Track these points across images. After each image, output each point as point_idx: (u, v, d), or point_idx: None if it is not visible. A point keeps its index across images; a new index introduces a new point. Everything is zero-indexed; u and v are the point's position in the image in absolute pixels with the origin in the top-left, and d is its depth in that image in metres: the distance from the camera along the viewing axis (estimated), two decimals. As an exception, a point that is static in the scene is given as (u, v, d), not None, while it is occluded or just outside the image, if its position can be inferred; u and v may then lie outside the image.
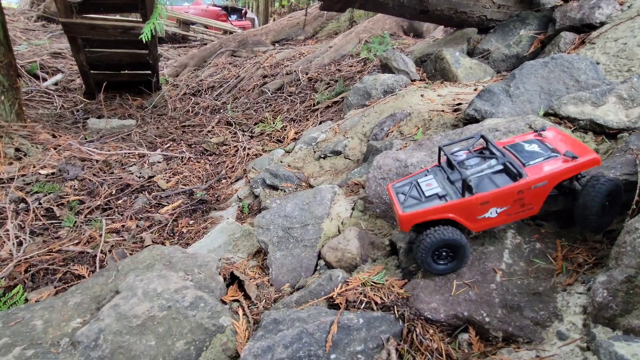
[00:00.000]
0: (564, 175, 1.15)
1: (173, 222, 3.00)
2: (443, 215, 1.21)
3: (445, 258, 1.24)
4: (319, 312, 1.16)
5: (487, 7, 3.72)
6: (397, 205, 1.27)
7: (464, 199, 1.19)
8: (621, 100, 1.50)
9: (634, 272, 0.90)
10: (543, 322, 1.08)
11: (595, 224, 1.16)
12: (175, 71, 6.46)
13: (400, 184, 1.37)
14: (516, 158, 1.23)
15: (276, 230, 1.77)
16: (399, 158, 1.75)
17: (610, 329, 0.95)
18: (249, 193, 3.20)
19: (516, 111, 2.13)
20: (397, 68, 3.68)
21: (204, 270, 1.46)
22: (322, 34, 7.07)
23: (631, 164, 1.23)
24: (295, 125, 4.27)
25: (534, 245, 1.27)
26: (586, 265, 1.15)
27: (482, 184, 1.21)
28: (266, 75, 5.63)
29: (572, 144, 1.22)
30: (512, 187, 1.16)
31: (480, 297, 1.17)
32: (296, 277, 1.56)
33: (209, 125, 4.76)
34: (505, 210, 1.19)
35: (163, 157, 3.99)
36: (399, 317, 1.18)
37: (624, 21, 2.73)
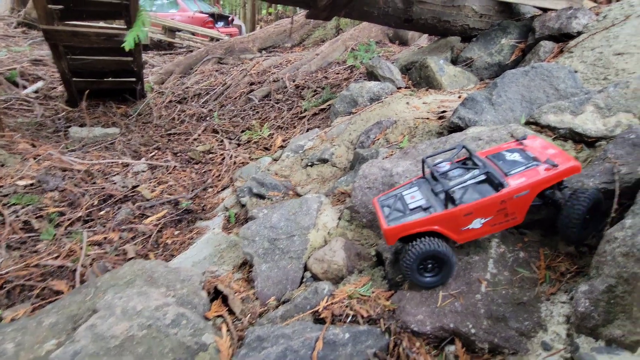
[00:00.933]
0: (545, 183, 1.17)
1: (157, 233, 2.93)
2: (427, 227, 1.21)
3: (431, 270, 1.23)
4: (304, 328, 1.13)
5: (470, 17, 3.80)
6: (382, 219, 1.26)
7: (448, 210, 1.19)
8: (598, 109, 1.53)
9: (615, 282, 0.91)
10: (528, 333, 1.08)
11: (576, 236, 1.17)
12: (161, 78, 6.38)
13: (385, 197, 1.37)
14: (498, 168, 1.24)
15: (262, 241, 1.74)
16: (384, 167, 1.75)
17: (593, 339, 0.95)
18: (235, 202, 3.16)
19: (499, 119, 2.17)
20: (383, 76, 3.71)
21: (186, 285, 1.42)
22: (309, 42, 7.10)
23: (609, 173, 1.26)
24: (282, 133, 4.26)
25: (517, 254, 1.28)
26: (569, 274, 1.17)
27: (465, 195, 1.21)
28: (253, 83, 5.61)
29: (552, 152, 1.23)
30: (494, 198, 1.16)
31: (465, 308, 1.17)
32: (282, 290, 1.53)
33: (195, 133, 4.70)
34: (489, 220, 1.20)
35: (147, 166, 3.91)
36: (385, 331, 1.17)
37: (599, 31, 2.82)
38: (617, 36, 2.65)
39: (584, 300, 0.98)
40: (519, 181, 1.17)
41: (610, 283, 0.92)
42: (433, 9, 3.72)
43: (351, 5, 3.49)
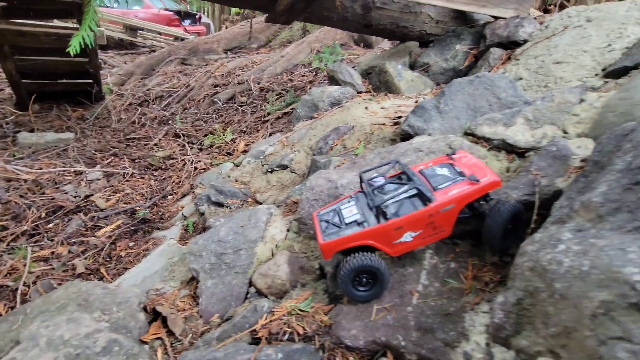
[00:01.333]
0: (468, 197, 1.22)
1: (111, 245, 2.82)
2: (361, 241, 1.23)
3: (365, 284, 1.26)
4: (237, 350, 1.13)
5: (426, 22, 3.90)
6: (319, 234, 1.28)
7: (380, 225, 1.22)
8: (527, 121, 1.62)
9: (522, 295, 0.97)
10: (452, 343, 1.13)
11: (499, 245, 1.23)
12: (121, 80, 6.13)
13: (324, 211, 1.38)
14: (428, 182, 1.28)
15: (209, 256, 1.72)
16: (331, 179, 1.77)
17: (505, 349, 1.01)
18: (194, 210, 3.09)
19: (445, 127, 2.24)
20: (344, 80, 3.74)
21: (123, 308, 1.38)
22: (276, 42, 7.04)
23: (531, 185, 1.33)
24: (245, 137, 4.21)
25: (449, 265, 1.33)
26: (492, 283, 1.23)
27: (397, 209, 1.25)
28: (217, 85, 5.50)
29: (477, 167, 1.29)
30: (422, 212, 1.21)
31: (397, 321, 1.20)
32: (226, 306, 1.52)
33: (156, 138, 4.55)
34: (419, 234, 1.24)
35: (103, 173, 3.76)
36: (320, 347, 1.18)
37: (542, 40, 2.98)
38: (556, 46, 2.80)
39: (499, 311, 1.04)
40: (445, 195, 1.22)
41: (519, 296, 0.97)
42: (391, 14, 3.78)
43: (310, 10, 3.49)
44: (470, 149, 1.67)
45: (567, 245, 0.87)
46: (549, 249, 0.90)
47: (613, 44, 2.49)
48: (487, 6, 3.48)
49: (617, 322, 0.69)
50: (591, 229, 0.87)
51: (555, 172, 1.34)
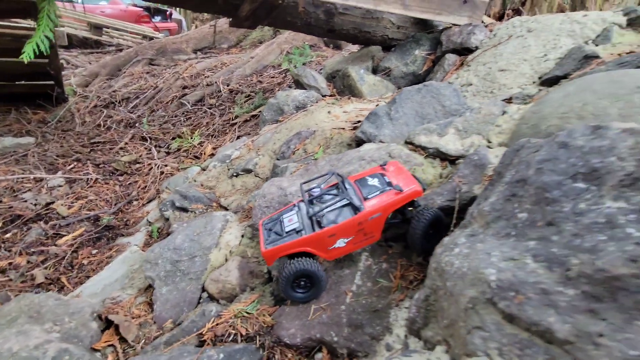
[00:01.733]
0: (393, 206, 1.35)
1: (72, 254, 2.81)
2: (299, 248, 1.35)
3: (304, 287, 1.37)
4: (181, 353, 1.22)
5: (388, 28, 4.05)
6: (262, 242, 1.38)
7: (315, 233, 1.33)
8: (458, 131, 1.77)
9: (429, 292, 1.10)
10: (377, 336, 1.26)
11: (420, 247, 1.38)
12: (85, 81, 5.97)
13: (268, 220, 1.49)
14: (360, 192, 1.41)
15: (164, 264, 1.78)
16: (281, 186, 1.87)
17: (417, 339, 1.15)
18: (159, 216, 3.12)
19: (395, 134, 2.38)
20: (308, 84, 3.84)
21: (76, 318, 1.43)
22: (246, 43, 7.04)
23: (454, 191, 1.48)
24: (213, 141, 4.24)
25: (381, 265, 1.47)
26: (415, 281, 1.37)
27: (332, 217, 1.37)
28: (186, 86, 5.47)
29: (403, 177, 1.42)
30: (352, 220, 1.33)
31: (331, 319, 1.32)
32: (179, 312, 1.60)
33: (122, 142, 4.50)
34: (351, 240, 1.37)
35: (65, 180, 3.70)
36: (260, 346, 1.29)
37: (490, 48, 3.18)
38: (502, 54, 3.00)
39: (413, 307, 1.17)
40: (373, 204, 1.35)
41: (427, 293, 1.11)
42: (354, 20, 3.90)
43: (273, 15, 3.56)
44: (408, 157, 1.81)
45: (460, 249, 1.00)
46: (447, 252, 1.04)
47: (548, 54, 2.71)
48: (442, 14, 3.66)
49: (478, 314, 0.83)
50: (480, 234, 1.01)
51: (475, 179, 1.49)
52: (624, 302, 0.67)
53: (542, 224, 0.88)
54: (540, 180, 0.95)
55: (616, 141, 0.84)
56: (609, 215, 0.77)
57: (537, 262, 0.82)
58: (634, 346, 0.63)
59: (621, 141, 0.83)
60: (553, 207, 0.87)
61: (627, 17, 2.57)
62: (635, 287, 0.66)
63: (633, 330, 0.64)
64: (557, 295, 0.74)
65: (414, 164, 1.79)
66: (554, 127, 1.49)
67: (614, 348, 0.64)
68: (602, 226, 0.76)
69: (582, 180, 0.86)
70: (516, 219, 0.97)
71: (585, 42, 2.64)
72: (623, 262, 0.68)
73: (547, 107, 1.56)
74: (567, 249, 0.79)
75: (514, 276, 0.81)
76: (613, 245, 0.72)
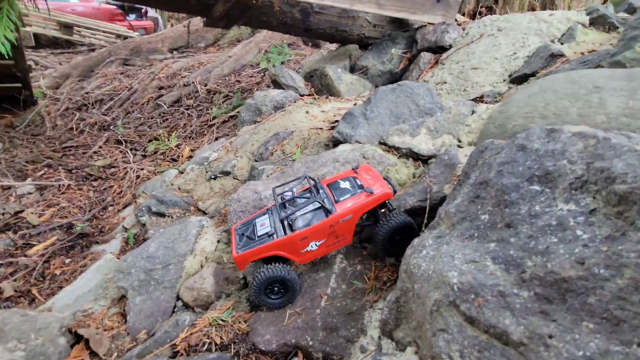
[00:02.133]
0: (364, 208, 1.37)
1: (44, 264, 2.72)
2: (271, 252, 1.35)
3: (277, 292, 1.37)
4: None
5: (364, 26, 4.06)
6: (233, 247, 1.37)
7: (286, 236, 1.34)
8: (429, 131, 1.80)
9: (400, 294, 1.12)
10: (352, 339, 1.28)
11: (385, 250, 1.41)
12: (55, 82, 5.75)
13: (241, 225, 1.48)
14: (332, 195, 1.41)
15: (137, 273, 1.75)
16: (257, 190, 1.85)
17: (390, 340, 1.17)
18: (136, 221, 3.05)
19: (371, 134, 2.40)
20: (286, 84, 3.81)
21: (42, 334, 1.39)
22: (224, 41, 6.92)
23: (425, 192, 1.50)
24: (191, 143, 4.16)
25: (356, 267, 1.48)
26: (389, 282, 1.39)
27: (304, 221, 1.37)
28: (162, 87, 5.34)
29: (374, 180, 1.44)
30: (323, 223, 1.34)
31: (306, 323, 1.33)
32: (153, 322, 1.57)
33: (96, 145, 4.37)
34: (323, 242, 1.37)
35: (35, 187, 3.56)
36: (235, 355, 1.28)
37: (463, 46, 3.23)
38: (474, 52, 3.06)
39: (386, 308, 1.19)
40: (344, 207, 1.36)
41: (397, 295, 1.13)
42: (330, 19, 3.89)
43: (248, 15, 3.51)
44: (382, 157, 1.83)
45: (427, 250, 1.03)
46: (416, 254, 1.06)
47: (518, 52, 2.78)
48: (416, 13, 3.70)
49: (442, 316, 0.85)
50: (447, 235, 1.03)
51: (445, 179, 1.52)
52: (572, 304, 0.70)
53: (501, 226, 0.91)
54: (500, 183, 0.98)
55: (567, 145, 0.87)
56: (560, 217, 0.80)
57: (496, 264, 0.84)
58: (580, 347, 0.66)
59: (572, 145, 0.87)
60: (511, 209, 0.90)
61: (590, 17, 2.66)
62: (582, 288, 0.69)
63: (580, 331, 0.67)
64: (513, 297, 0.77)
65: (387, 165, 1.81)
66: (519, 127, 1.53)
67: (562, 349, 0.66)
68: (554, 228, 0.79)
69: (538, 183, 0.89)
70: (479, 220, 1.00)
71: (552, 40, 2.73)
72: (571, 265, 0.71)
73: (513, 107, 1.60)
74: (522, 251, 0.82)
75: (474, 279, 0.83)
76: (563, 247, 0.75)
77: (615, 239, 0.69)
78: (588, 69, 1.69)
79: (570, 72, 1.63)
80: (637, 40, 1.67)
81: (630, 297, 0.63)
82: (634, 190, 0.69)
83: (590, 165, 0.79)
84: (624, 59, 1.64)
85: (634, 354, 0.60)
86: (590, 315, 0.67)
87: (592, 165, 0.79)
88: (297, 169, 2.09)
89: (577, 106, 1.40)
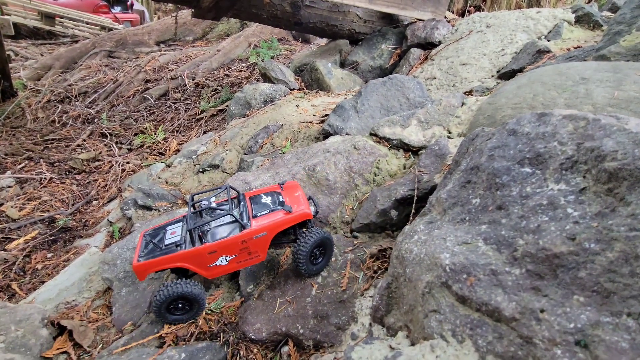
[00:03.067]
0: (280, 226, 1.30)
1: (25, 259, 2.63)
2: (175, 264, 1.25)
3: (182, 309, 1.31)
4: (140, 355, 1.17)
5: (355, 22, 4.06)
6: (135, 254, 1.27)
7: (193, 248, 1.24)
8: (420, 122, 1.81)
9: (391, 280, 1.12)
10: (343, 326, 1.27)
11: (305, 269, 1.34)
12: (37, 74, 5.57)
13: (152, 230, 1.38)
14: (251, 209, 1.34)
15: (123, 264, 1.70)
16: (246, 180, 1.83)
17: (381, 327, 1.16)
18: (121, 215, 2.97)
19: (361, 126, 2.40)
20: (276, 78, 3.78)
21: (23, 326, 1.34)
22: (213, 35, 6.82)
23: (414, 182, 1.51)
24: (178, 136, 4.09)
25: (347, 256, 1.47)
26: (380, 271, 1.39)
27: (216, 234, 1.29)
28: (149, 80, 5.23)
29: (297, 199, 1.37)
30: (235, 238, 1.26)
31: (297, 312, 1.32)
32: (140, 313, 1.53)
33: (79, 138, 4.25)
34: (234, 258, 1.29)
35: (15, 180, 3.44)
36: (224, 344, 1.26)
37: (452, 42, 3.27)
38: (463, 48, 3.09)
39: (377, 295, 1.19)
40: (259, 223, 1.28)
41: (389, 281, 1.13)
42: (320, 13, 3.88)
43: (237, 6, 3.46)
44: (372, 148, 1.83)
45: (419, 236, 1.03)
46: (407, 239, 1.06)
47: (506, 48, 2.83)
48: (407, 9, 3.72)
49: (434, 298, 0.85)
50: (438, 221, 1.04)
51: (436, 168, 1.53)
52: (563, 278, 0.71)
53: (492, 208, 0.91)
54: (491, 167, 0.98)
55: (558, 127, 0.89)
56: (551, 197, 0.81)
57: (488, 245, 0.85)
58: (572, 319, 0.67)
59: (562, 127, 0.88)
60: (502, 192, 0.91)
61: (575, 15, 2.72)
62: (573, 263, 0.70)
63: (571, 304, 0.68)
64: (505, 275, 0.77)
65: (378, 156, 1.81)
66: (507, 117, 1.55)
67: (553, 322, 0.67)
68: (545, 207, 0.80)
69: (529, 165, 0.90)
70: (470, 204, 1.00)
71: (539, 37, 2.78)
72: (562, 241, 0.72)
73: (502, 98, 1.62)
74: (514, 231, 0.82)
75: (466, 259, 0.84)
76: (554, 225, 0.76)
77: (605, 215, 0.70)
78: (575, 62, 1.73)
79: (558, 64, 1.66)
80: (621, 35, 1.71)
81: (621, 270, 0.64)
82: (624, 166, 0.70)
83: (581, 146, 0.81)
84: (609, 52, 1.68)
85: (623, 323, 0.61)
86: (581, 289, 0.68)
87: (583, 145, 0.80)
88: (288, 160, 2.07)
89: (565, 97, 1.43)
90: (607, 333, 0.61)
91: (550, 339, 0.65)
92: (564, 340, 0.64)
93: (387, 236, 1.56)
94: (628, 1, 1.92)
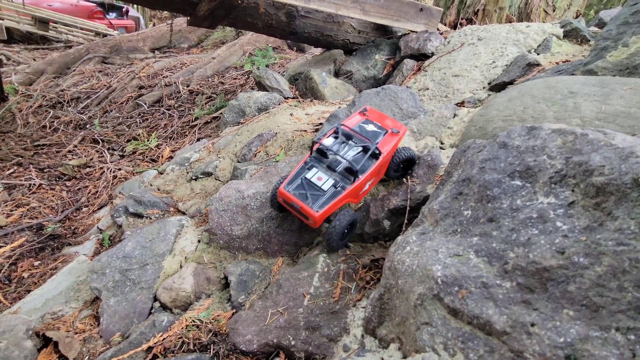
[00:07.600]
0: (396, 147, 1.52)
1: (10, 267, 2.57)
2: (345, 202, 1.43)
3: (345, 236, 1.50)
4: (127, 368, 1.14)
5: (349, 32, 4.11)
6: (307, 207, 1.38)
7: (358, 182, 1.41)
8: (413, 133, 1.83)
9: (383, 291, 1.12)
10: (335, 338, 1.26)
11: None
12: (29, 79, 5.52)
13: (292, 186, 1.46)
14: (367, 138, 1.50)
15: (112, 273, 1.67)
16: (239, 189, 1.82)
17: (373, 338, 1.16)
18: (111, 222, 2.93)
19: (355, 135, 2.42)
20: (271, 86, 3.80)
21: (7, 337, 1.30)
22: (208, 43, 6.84)
23: (406, 192, 1.52)
24: (171, 143, 4.07)
25: (339, 267, 1.47)
26: (372, 281, 1.38)
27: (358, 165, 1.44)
28: (143, 86, 5.22)
29: (390, 120, 1.58)
30: (378, 164, 1.45)
31: (288, 323, 1.30)
32: (128, 324, 1.50)
33: (70, 144, 4.20)
34: (372, 182, 1.51)
35: (3, 186, 3.38)
36: (214, 355, 1.24)
37: (444, 54, 3.32)
38: (455, 60, 3.15)
39: (369, 305, 1.18)
40: (386, 147, 1.48)
41: (381, 292, 1.13)
42: (315, 23, 3.92)
43: (233, 15, 3.49)
44: (366, 158, 1.84)
45: (411, 247, 1.03)
46: (400, 250, 1.06)
47: (497, 61, 2.88)
48: (400, 20, 3.78)
49: (426, 310, 0.85)
50: (430, 232, 1.04)
51: (428, 179, 1.54)
52: (553, 292, 0.71)
53: (484, 221, 0.92)
54: (482, 179, 0.99)
55: (547, 141, 0.90)
56: (540, 210, 0.82)
57: (479, 257, 0.85)
58: (562, 334, 0.67)
59: (551, 141, 0.90)
60: (493, 204, 0.92)
61: (564, 29, 2.80)
62: (562, 277, 0.71)
63: (561, 318, 0.69)
64: (496, 288, 0.78)
65: (371, 165, 1.82)
66: (498, 129, 1.57)
67: (544, 336, 0.68)
68: (535, 221, 0.81)
69: (519, 178, 0.91)
70: (462, 216, 1.01)
71: (529, 50, 2.84)
72: (552, 254, 0.73)
73: (493, 110, 1.65)
74: (505, 244, 0.83)
75: (457, 271, 0.84)
76: (544, 238, 0.77)
77: (593, 229, 0.71)
78: (564, 76, 1.77)
79: (547, 78, 1.69)
80: (607, 51, 1.76)
81: (609, 284, 0.65)
82: (611, 181, 0.71)
83: (569, 160, 0.82)
84: (596, 67, 1.72)
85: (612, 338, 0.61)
86: (570, 303, 0.68)
87: (571, 159, 0.82)
88: (281, 168, 2.07)
89: (554, 110, 1.46)
90: (596, 348, 0.61)
91: (541, 353, 0.66)
92: (554, 355, 0.64)
93: (380, 246, 1.56)
94: (614, 18, 1.98)
